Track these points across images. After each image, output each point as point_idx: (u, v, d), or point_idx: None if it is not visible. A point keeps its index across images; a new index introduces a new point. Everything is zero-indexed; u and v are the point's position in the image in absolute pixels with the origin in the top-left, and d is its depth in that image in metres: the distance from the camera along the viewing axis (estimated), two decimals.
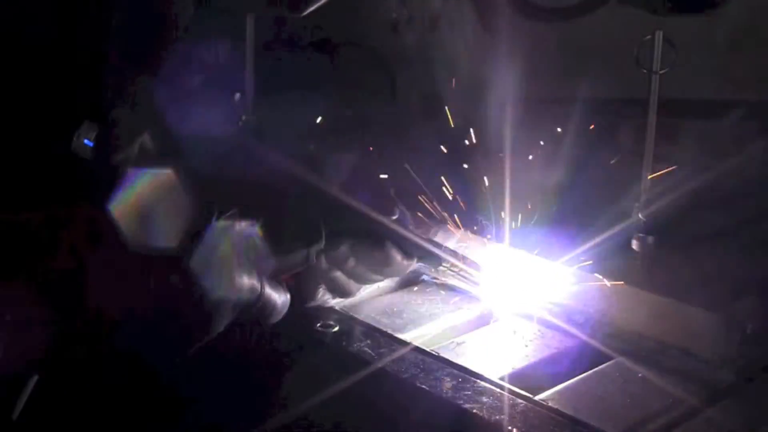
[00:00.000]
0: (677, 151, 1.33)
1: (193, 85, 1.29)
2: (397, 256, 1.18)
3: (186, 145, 1.10)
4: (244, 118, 1.44)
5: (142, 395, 1.07)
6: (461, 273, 1.23)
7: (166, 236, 0.93)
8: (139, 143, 1.04)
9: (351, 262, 1.17)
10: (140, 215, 0.92)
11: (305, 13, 1.18)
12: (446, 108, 1.54)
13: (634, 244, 1.28)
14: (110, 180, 0.97)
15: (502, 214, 1.35)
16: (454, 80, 1.59)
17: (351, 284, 1.20)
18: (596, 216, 1.30)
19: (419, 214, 1.39)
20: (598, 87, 1.43)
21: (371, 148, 1.46)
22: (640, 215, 1.27)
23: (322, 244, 1.13)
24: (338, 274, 1.18)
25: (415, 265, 1.22)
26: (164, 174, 0.98)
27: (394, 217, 1.18)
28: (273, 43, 1.64)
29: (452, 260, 1.21)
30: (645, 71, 1.25)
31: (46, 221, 0.91)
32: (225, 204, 1.00)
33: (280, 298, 1.05)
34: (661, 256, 1.26)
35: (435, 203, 1.40)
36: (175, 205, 0.96)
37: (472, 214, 1.40)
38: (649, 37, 1.25)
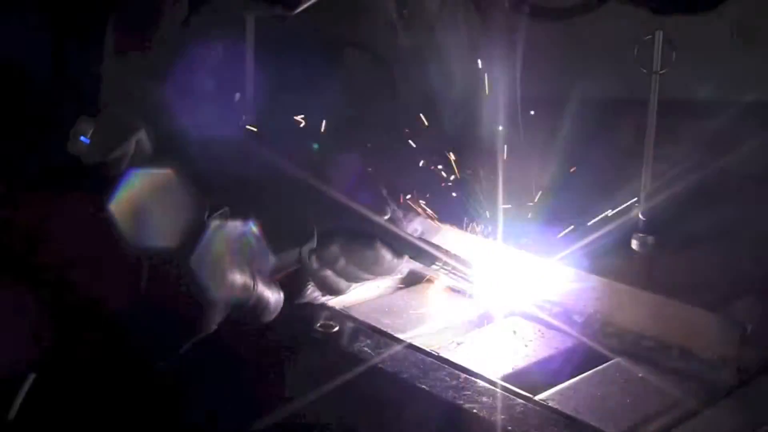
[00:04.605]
0: (677, 150, 1.33)
1: (193, 84, 1.29)
2: (387, 255, 1.18)
3: (183, 143, 1.10)
4: (244, 117, 1.44)
5: (137, 393, 1.07)
6: (454, 271, 1.23)
7: (164, 235, 0.93)
8: (136, 141, 1.04)
9: (341, 262, 1.17)
10: (137, 214, 0.92)
11: (298, 10, 1.18)
12: (445, 108, 1.54)
13: (634, 244, 1.28)
14: (107, 177, 0.97)
15: (501, 212, 1.35)
16: (453, 80, 1.59)
17: (341, 283, 1.20)
18: (596, 216, 1.30)
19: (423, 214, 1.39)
20: (598, 87, 1.43)
21: (370, 149, 1.46)
22: (640, 215, 1.27)
23: (314, 244, 1.13)
24: (328, 273, 1.18)
25: (405, 263, 1.22)
26: (161, 173, 0.98)
27: (386, 217, 1.18)
28: (273, 43, 1.65)
29: (445, 259, 1.21)
30: (645, 71, 1.25)
31: (43, 218, 0.91)
32: (220, 202, 1.00)
33: (273, 296, 1.06)
34: (661, 256, 1.26)
35: (432, 202, 1.40)
36: (172, 204, 0.96)
37: (469, 213, 1.40)
38: (649, 37, 1.25)
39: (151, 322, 0.93)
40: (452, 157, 1.49)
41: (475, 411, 1.01)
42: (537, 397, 1.04)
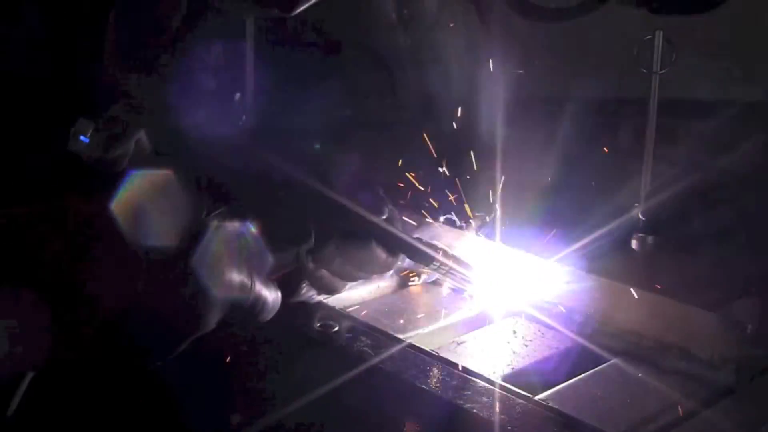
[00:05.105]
0: (677, 150, 1.33)
1: (192, 84, 1.29)
2: (382, 255, 1.18)
3: (182, 143, 1.10)
4: (243, 117, 1.44)
5: (135, 392, 1.07)
6: (453, 272, 1.23)
7: (162, 235, 0.93)
8: (135, 141, 1.04)
9: (337, 261, 1.17)
10: (136, 214, 0.92)
11: (295, 12, 1.18)
12: (444, 108, 1.54)
13: (634, 244, 1.28)
14: (106, 176, 0.97)
15: (500, 212, 1.35)
16: (452, 80, 1.59)
17: (337, 282, 1.20)
18: (596, 216, 1.30)
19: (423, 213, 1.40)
20: (598, 87, 1.43)
21: (369, 148, 1.46)
22: (639, 215, 1.27)
23: (311, 243, 1.13)
24: (324, 273, 1.19)
25: (400, 263, 1.22)
26: (161, 173, 0.98)
27: (384, 217, 1.18)
28: (274, 43, 1.65)
29: (442, 258, 1.21)
30: (645, 71, 1.25)
31: (41, 216, 0.91)
32: (219, 202, 1.01)
33: (271, 295, 1.06)
34: (661, 256, 1.26)
35: (431, 201, 1.41)
36: (171, 204, 0.96)
37: (468, 212, 1.40)
38: (649, 37, 1.25)
39: (149, 321, 0.93)
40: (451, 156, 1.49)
41: (475, 411, 1.00)
42: (537, 397, 1.04)
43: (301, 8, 1.17)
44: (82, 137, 1.01)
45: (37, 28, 1.13)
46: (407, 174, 1.46)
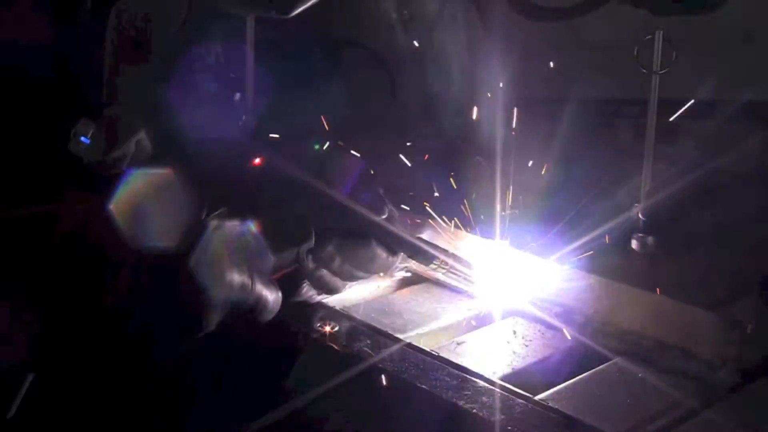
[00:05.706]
0: (677, 150, 1.33)
1: (192, 85, 1.29)
2: (382, 254, 1.19)
3: (183, 143, 1.10)
4: (243, 118, 1.44)
5: (137, 393, 1.07)
6: (453, 271, 1.23)
7: (163, 235, 0.93)
8: (136, 141, 1.04)
9: (337, 261, 1.17)
10: (137, 214, 0.92)
11: (293, 14, 1.18)
12: (445, 108, 1.54)
13: (634, 244, 1.28)
14: (106, 176, 0.98)
15: (500, 212, 1.36)
16: (453, 80, 1.59)
17: (337, 282, 1.21)
18: (596, 216, 1.30)
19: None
20: (598, 87, 1.43)
21: (369, 148, 1.46)
22: (639, 215, 1.27)
23: (311, 243, 1.13)
24: (324, 273, 1.19)
25: (400, 262, 1.23)
26: (161, 173, 0.98)
27: (384, 216, 1.19)
28: (273, 43, 1.65)
29: (443, 258, 1.22)
30: (645, 71, 1.25)
31: (41, 217, 0.91)
32: (220, 203, 1.01)
33: (271, 295, 1.06)
34: (661, 256, 1.26)
35: (431, 201, 1.41)
36: (171, 204, 0.96)
37: (469, 213, 1.40)
38: (649, 37, 1.25)
39: (150, 321, 0.93)
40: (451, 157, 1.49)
41: (475, 411, 1.01)
42: (537, 397, 1.04)
43: (300, 9, 1.17)
44: (83, 138, 1.01)
45: (38, 28, 1.13)
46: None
